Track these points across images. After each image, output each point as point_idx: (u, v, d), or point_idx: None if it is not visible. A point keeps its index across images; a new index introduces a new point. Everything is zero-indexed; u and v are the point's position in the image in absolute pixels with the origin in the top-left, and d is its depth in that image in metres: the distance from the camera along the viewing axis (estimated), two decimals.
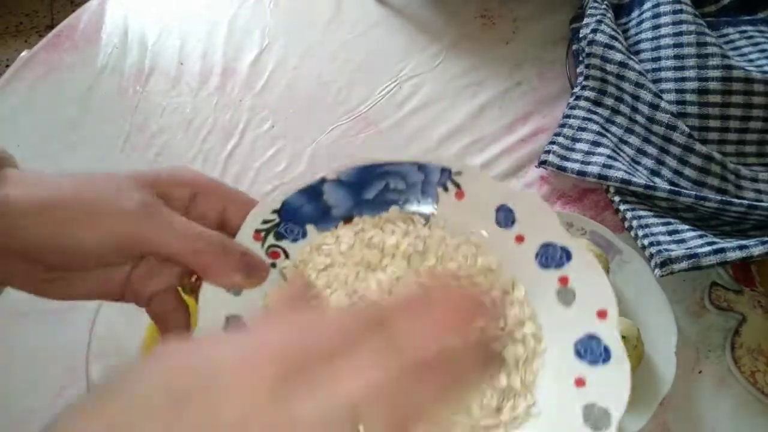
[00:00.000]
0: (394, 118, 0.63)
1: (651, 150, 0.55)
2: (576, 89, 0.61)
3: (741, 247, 0.47)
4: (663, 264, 0.48)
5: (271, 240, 0.35)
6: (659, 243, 0.49)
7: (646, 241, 0.50)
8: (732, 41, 0.62)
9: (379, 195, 0.37)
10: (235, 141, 0.61)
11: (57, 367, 0.48)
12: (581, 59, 0.61)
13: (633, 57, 0.57)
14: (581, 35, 0.60)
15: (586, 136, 0.58)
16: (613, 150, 0.56)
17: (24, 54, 0.67)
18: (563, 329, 0.33)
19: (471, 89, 0.65)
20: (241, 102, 0.64)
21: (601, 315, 0.33)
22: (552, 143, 0.58)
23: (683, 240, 0.50)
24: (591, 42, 0.58)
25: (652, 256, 0.49)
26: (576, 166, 0.55)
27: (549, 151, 0.57)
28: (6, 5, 1.76)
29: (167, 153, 0.60)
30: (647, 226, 0.51)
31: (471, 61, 0.67)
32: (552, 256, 0.35)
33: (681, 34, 0.56)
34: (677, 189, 0.52)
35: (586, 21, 0.60)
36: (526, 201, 0.36)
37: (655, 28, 0.59)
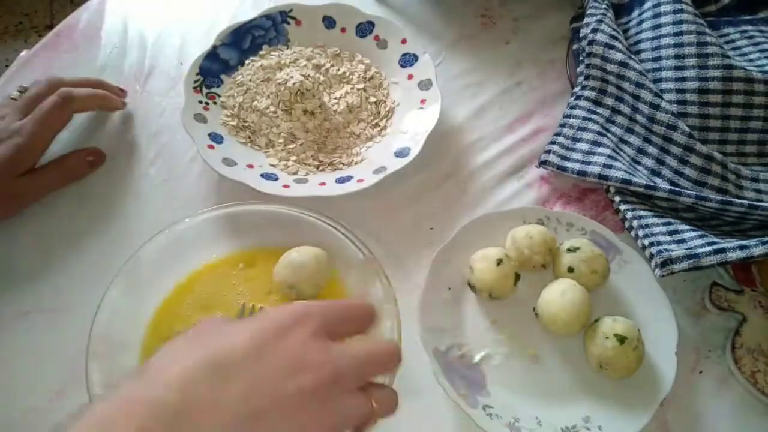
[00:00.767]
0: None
1: (651, 150, 0.55)
2: (576, 89, 0.61)
3: (741, 247, 0.47)
4: (663, 264, 0.48)
5: (205, 90, 0.59)
6: (659, 243, 0.49)
7: (646, 241, 0.50)
8: (732, 41, 0.62)
9: (252, 43, 0.63)
10: None
11: (57, 367, 0.48)
12: (581, 59, 0.61)
13: (633, 57, 0.57)
14: (581, 35, 0.60)
15: (586, 135, 0.58)
16: (614, 150, 0.56)
17: (24, 54, 0.67)
18: None
19: (471, 89, 0.65)
20: None
21: None
22: (552, 143, 0.58)
23: (683, 240, 0.50)
24: (591, 42, 0.58)
25: (652, 256, 0.49)
26: (576, 166, 0.55)
27: (549, 151, 0.57)
28: (5, 5, 1.76)
29: (167, 153, 0.60)
30: (647, 226, 0.51)
31: (471, 61, 0.67)
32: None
33: (681, 33, 0.56)
34: (678, 189, 0.52)
35: (586, 21, 0.60)
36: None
37: (656, 27, 0.58)
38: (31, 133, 0.52)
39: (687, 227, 0.51)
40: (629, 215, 0.52)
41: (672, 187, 0.52)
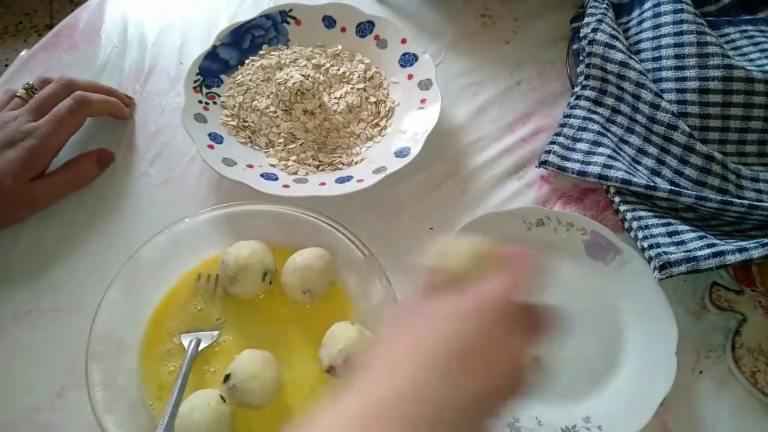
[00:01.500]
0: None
1: (651, 150, 0.55)
2: (576, 89, 0.61)
3: (740, 250, 0.47)
4: (662, 267, 0.48)
5: (205, 90, 0.60)
6: (659, 245, 0.49)
7: (645, 243, 0.50)
8: (732, 41, 0.62)
9: (251, 42, 0.63)
10: None
11: (57, 367, 0.48)
12: (582, 59, 0.61)
13: (634, 56, 0.57)
14: (582, 35, 0.60)
15: (586, 135, 0.58)
16: (614, 150, 0.56)
17: (23, 54, 0.67)
18: None
19: (471, 89, 0.65)
20: None
21: None
22: (552, 143, 0.58)
23: (683, 242, 0.50)
24: (591, 41, 0.58)
25: (651, 258, 0.49)
26: (576, 166, 0.55)
27: (549, 151, 0.57)
28: (5, 5, 1.76)
29: (167, 153, 0.60)
30: (647, 227, 0.51)
31: (471, 61, 0.67)
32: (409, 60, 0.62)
33: (682, 33, 0.56)
34: (678, 189, 0.52)
35: (586, 20, 0.60)
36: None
37: (656, 27, 0.58)
38: (46, 136, 0.52)
39: (687, 228, 0.51)
40: (629, 216, 0.52)
41: (672, 187, 0.52)
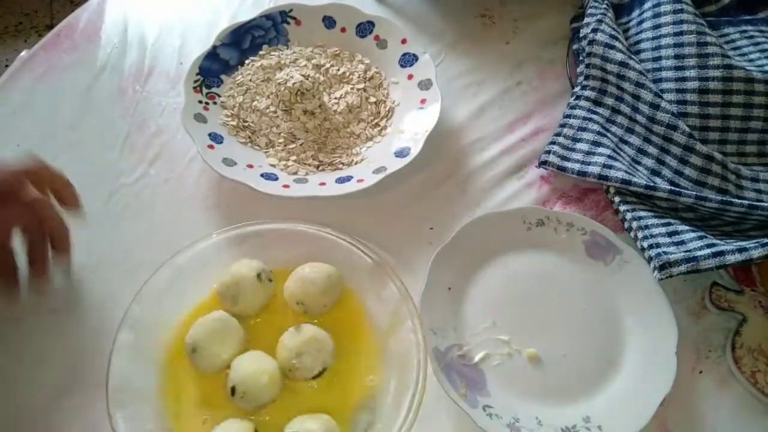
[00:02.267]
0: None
1: (651, 150, 0.55)
2: (576, 89, 0.61)
3: (740, 250, 0.47)
4: (662, 267, 0.48)
5: (205, 90, 0.60)
6: (659, 245, 0.49)
7: (645, 243, 0.50)
8: (732, 41, 0.62)
9: (252, 43, 0.63)
10: None
11: (57, 367, 0.48)
12: (582, 59, 0.61)
13: (633, 57, 0.57)
14: (582, 35, 0.60)
15: (586, 135, 0.58)
16: (614, 150, 0.56)
17: (23, 54, 0.67)
18: None
19: (471, 89, 0.65)
20: None
21: None
22: (552, 143, 0.58)
23: (683, 242, 0.50)
24: (591, 42, 0.58)
25: (651, 258, 0.49)
26: (576, 166, 0.55)
27: (549, 152, 0.57)
28: (5, 5, 1.76)
29: (167, 153, 0.60)
30: (647, 227, 0.51)
31: (471, 61, 0.67)
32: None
33: (681, 33, 0.56)
34: (677, 189, 0.52)
35: (586, 20, 0.60)
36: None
37: (656, 27, 0.58)
38: None
39: (687, 228, 0.51)
40: (629, 216, 0.52)
41: (672, 187, 0.52)
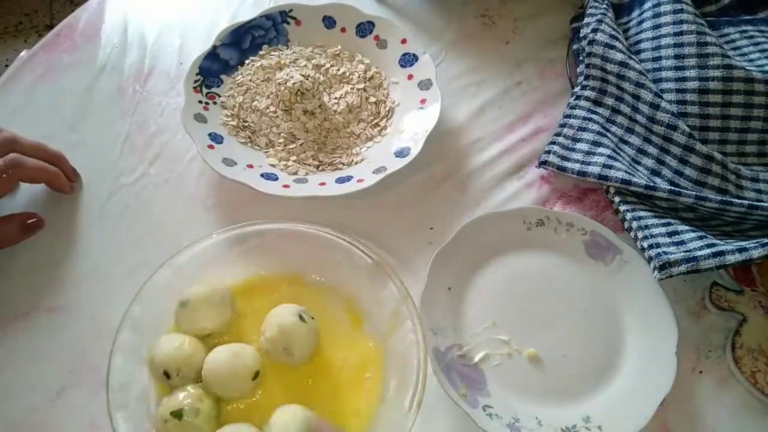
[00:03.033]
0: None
1: (651, 150, 0.55)
2: (576, 89, 0.61)
3: (740, 250, 0.47)
4: (662, 267, 0.48)
5: (205, 90, 0.60)
6: (659, 245, 0.49)
7: (645, 243, 0.50)
8: (732, 41, 0.62)
9: (252, 43, 0.63)
10: None
11: (57, 367, 0.48)
12: (582, 59, 0.61)
13: (633, 57, 0.57)
14: (582, 35, 0.60)
15: (586, 135, 0.58)
16: (614, 150, 0.56)
17: (23, 54, 0.67)
18: None
19: (471, 89, 0.65)
20: None
21: None
22: (552, 143, 0.58)
23: (683, 242, 0.50)
24: (591, 41, 0.58)
25: (651, 258, 0.49)
26: (576, 166, 0.55)
27: (549, 152, 0.57)
28: (5, 5, 1.76)
29: (167, 153, 0.60)
30: (647, 227, 0.51)
31: (471, 61, 0.67)
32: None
33: (681, 33, 0.56)
34: (677, 189, 0.52)
35: (586, 20, 0.60)
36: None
37: (656, 27, 0.58)
38: None
39: (687, 228, 0.51)
40: (629, 216, 0.52)
41: (672, 187, 0.52)
